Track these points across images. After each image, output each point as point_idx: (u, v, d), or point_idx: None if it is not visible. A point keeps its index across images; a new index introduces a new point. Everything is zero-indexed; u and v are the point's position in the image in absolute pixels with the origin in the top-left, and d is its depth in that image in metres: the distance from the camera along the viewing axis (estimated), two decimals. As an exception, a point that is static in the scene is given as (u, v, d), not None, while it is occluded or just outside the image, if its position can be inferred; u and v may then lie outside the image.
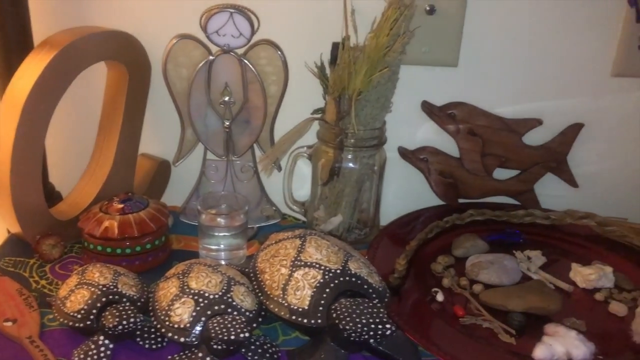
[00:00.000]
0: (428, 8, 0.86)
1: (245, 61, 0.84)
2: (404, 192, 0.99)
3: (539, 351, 0.68)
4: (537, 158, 0.94)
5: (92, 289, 0.68)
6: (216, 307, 0.67)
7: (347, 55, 0.75)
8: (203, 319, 0.66)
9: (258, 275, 0.73)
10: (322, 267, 0.69)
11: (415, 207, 0.96)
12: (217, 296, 0.67)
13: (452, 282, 0.81)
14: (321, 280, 0.68)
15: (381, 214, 0.94)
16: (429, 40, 0.89)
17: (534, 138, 0.94)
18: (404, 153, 0.95)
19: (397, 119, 0.94)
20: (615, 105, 0.92)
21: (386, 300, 0.71)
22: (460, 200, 0.97)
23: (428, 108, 0.93)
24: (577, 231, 0.92)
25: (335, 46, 0.81)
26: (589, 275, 0.81)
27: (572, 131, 0.93)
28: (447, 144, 0.95)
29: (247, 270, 0.76)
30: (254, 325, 0.69)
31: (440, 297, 0.78)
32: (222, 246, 0.83)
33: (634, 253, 0.87)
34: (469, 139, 0.93)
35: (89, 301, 0.67)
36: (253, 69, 0.84)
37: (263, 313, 0.71)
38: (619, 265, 0.85)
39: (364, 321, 0.63)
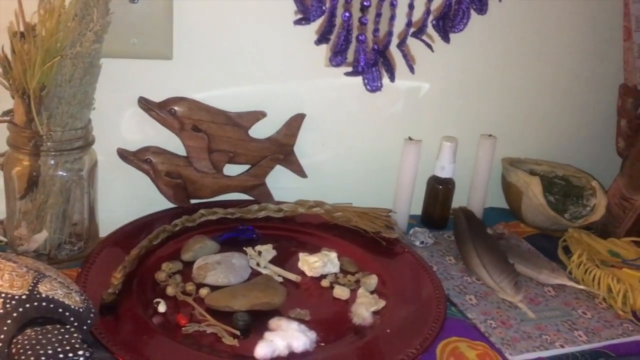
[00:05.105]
0: (130, -5, 0.79)
1: None
2: (129, 198, 0.91)
3: (260, 349, 0.66)
4: (265, 151, 0.93)
5: None
6: None
7: (20, 44, 0.65)
8: None
9: None
10: (3, 295, 0.58)
11: (145, 213, 0.89)
12: None
13: (176, 290, 0.75)
14: (0, 311, 0.57)
15: (102, 225, 0.85)
16: (137, 31, 0.82)
17: (261, 131, 0.93)
18: (124, 155, 0.87)
19: (112, 118, 0.86)
20: (332, 94, 0.95)
21: (89, 322, 0.62)
22: (193, 201, 0.92)
23: (145, 104, 0.86)
24: (309, 220, 0.93)
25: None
26: (315, 263, 0.81)
27: (296, 122, 0.94)
28: (172, 143, 0.89)
29: None
30: None
31: (162, 307, 0.72)
32: None
33: (359, 236, 0.90)
34: (194, 136, 0.88)
35: None
36: None
37: None
38: (346, 249, 0.87)
39: (49, 352, 0.54)
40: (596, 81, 1.09)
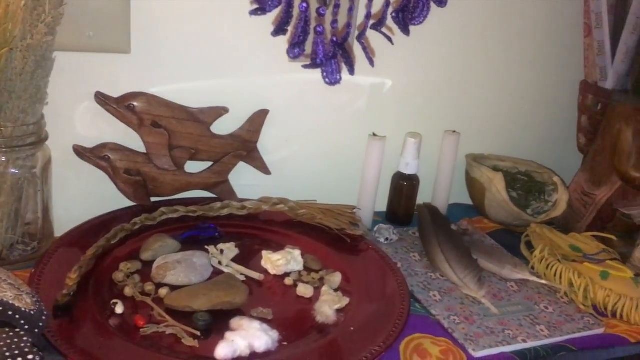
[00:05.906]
0: (84, -14, 0.77)
1: None
2: (85, 196, 0.88)
3: (221, 349, 0.64)
4: (228, 147, 0.91)
5: None
6: None
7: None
8: None
9: None
10: (-53, 299, 0.55)
11: (103, 212, 0.86)
12: None
13: (135, 290, 0.73)
14: (-56, 315, 0.54)
15: (58, 224, 0.82)
16: (93, 24, 0.79)
17: (223, 127, 0.91)
18: (80, 152, 0.84)
19: (66, 114, 0.83)
20: (295, 90, 0.94)
21: (41, 324, 0.60)
22: (154, 199, 0.90)
23: (103, 100, 0.83)
24: (273, 218, 0.92)
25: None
26: (278, 261, 0.80)
27: (259, 118, 0.92)
28: (131, 139, 0.86)
29: None
30: None
31: (120, 309, 0.70)
32: None
33: (324, 233, 0.89)
34: (154, 132, 0.86)
35: None
36: None
37: None
38: (310, 246, 0.86)
39: (-3, 357, 0.52)
40: (557, 78, 1.10)
